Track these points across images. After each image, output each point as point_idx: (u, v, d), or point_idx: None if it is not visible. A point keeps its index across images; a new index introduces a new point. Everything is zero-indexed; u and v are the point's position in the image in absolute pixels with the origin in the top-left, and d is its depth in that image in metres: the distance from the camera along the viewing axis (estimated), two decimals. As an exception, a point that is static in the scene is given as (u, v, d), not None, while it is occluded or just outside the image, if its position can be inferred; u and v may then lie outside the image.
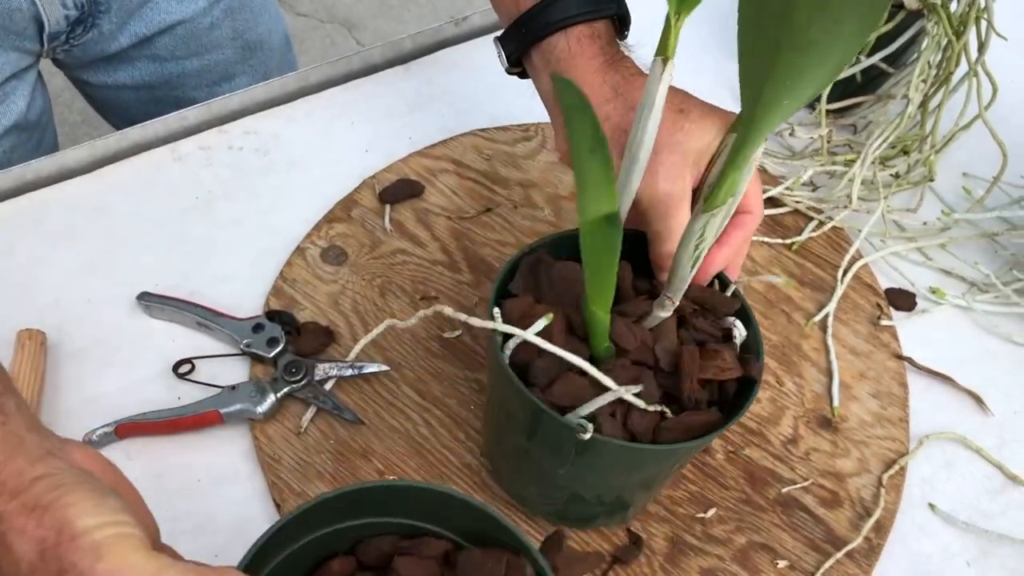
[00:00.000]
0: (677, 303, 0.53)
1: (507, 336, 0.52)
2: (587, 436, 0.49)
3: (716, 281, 0.58)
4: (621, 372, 0.52)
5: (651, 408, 0.51)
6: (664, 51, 0.47)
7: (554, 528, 0.61)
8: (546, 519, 0.62)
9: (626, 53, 0.60)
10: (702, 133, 0.55)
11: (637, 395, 0.51)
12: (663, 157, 0.54)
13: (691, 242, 0.49)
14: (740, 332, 0.55)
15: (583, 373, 0.51)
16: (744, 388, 0.54)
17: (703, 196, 0.48)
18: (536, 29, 0.60)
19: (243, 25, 0.92)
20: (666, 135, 0.54)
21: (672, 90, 0.54)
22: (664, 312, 0.53)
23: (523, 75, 0.65)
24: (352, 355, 0.66)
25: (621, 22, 0.61)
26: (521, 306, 0.54)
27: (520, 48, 0.61)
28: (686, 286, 0.52)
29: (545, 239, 0.58)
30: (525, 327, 0.51)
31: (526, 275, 0.56)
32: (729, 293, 0.57)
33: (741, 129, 0.43)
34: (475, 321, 0.51)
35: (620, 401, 0.51)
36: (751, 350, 0.55)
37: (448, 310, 0.51)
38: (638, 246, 0.57)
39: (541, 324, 0.51)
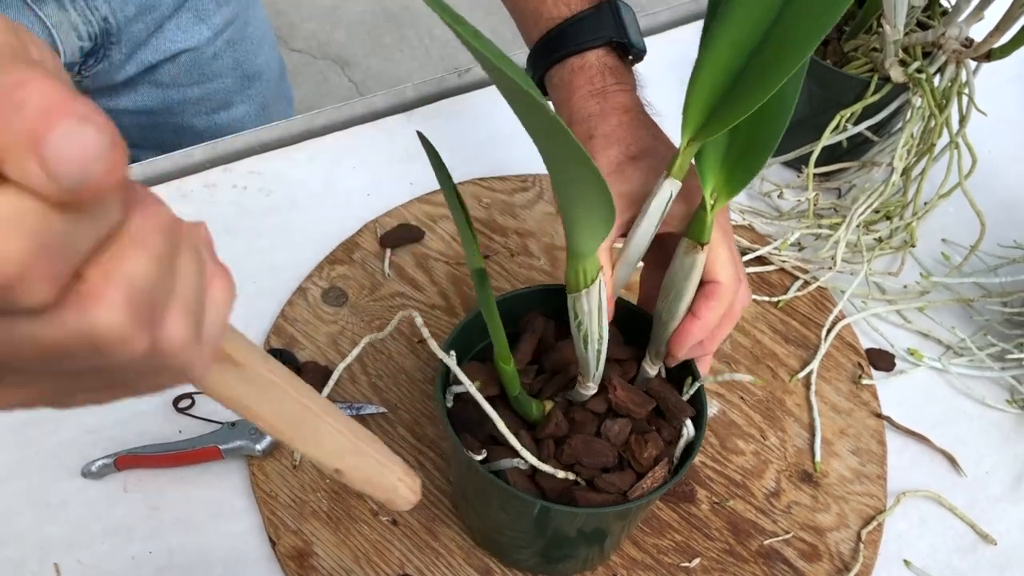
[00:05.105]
0: (596, 385, 0.55)
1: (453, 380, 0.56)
2: (479, 458, 0.53)
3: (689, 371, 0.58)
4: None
5: (557, 475, 0.54)
6: (670, 170, 0.50)
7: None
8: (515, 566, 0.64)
9: (622, 80, 0.62)
10: (641, 177, 0.56)
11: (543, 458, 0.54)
12: None
13: (572, 322, 0.51)
14: (688, 432, 0.56)
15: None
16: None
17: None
18: (539, 65, 0.65)
19: (243, 56, 0.95)
20: (607, 175, 0.56)
21: (638, 128, 0.58)
22: (587, 391, 0.55)
23: None
24: (332, 380, 0.67)
25: (623, 47, 0.63)
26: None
27: (535, 76, 0.66)
28: (593, 368, 0.54)
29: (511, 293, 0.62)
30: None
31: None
32: (693, 390, 0.57)
33: (568, 246, 0.48)
34: (432, 344, 0.54)
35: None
36: (693, 448, 0.56)
37: (418, 319, 0.55)
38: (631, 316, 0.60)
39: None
